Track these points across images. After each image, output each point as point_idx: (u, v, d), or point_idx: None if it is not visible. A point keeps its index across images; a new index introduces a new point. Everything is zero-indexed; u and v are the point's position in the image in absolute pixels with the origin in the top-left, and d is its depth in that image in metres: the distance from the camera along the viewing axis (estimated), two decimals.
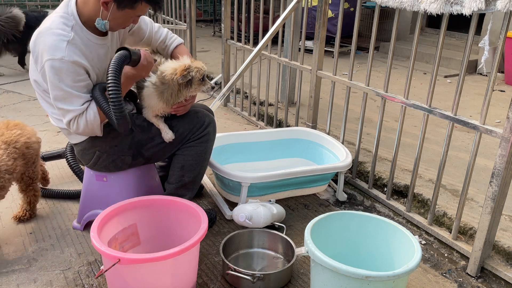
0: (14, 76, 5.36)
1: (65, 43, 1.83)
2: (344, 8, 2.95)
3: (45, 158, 2.91)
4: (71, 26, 1.89)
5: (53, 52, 1.82)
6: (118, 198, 2.08)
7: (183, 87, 2.06)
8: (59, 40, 1.83)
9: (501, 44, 1.93)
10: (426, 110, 2.32)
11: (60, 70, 1.83)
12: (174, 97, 2.08)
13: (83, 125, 1.93)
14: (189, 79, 2.05)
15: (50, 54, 1.82)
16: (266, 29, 3.46)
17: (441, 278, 2.13)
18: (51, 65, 1.82)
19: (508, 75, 5.31)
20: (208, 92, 2.18)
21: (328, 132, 3.11)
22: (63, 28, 1.87)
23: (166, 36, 2.35)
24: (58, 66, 1.82)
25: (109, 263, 1.64)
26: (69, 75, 1.85)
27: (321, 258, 1.65)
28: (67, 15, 1.90)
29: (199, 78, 2.09)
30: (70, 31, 1.87)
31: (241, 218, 2.24)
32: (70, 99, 1.88)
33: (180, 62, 2.08)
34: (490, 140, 3.41)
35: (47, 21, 1.90)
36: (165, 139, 2.15)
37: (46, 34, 1.85)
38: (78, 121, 1.92)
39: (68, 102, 1.88)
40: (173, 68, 2.04)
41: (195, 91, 2.13)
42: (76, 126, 1.93)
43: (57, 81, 1.84)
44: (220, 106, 4.38)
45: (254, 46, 3.83)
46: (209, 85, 2.15)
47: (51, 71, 1.83)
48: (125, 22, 1.97)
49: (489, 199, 2.01)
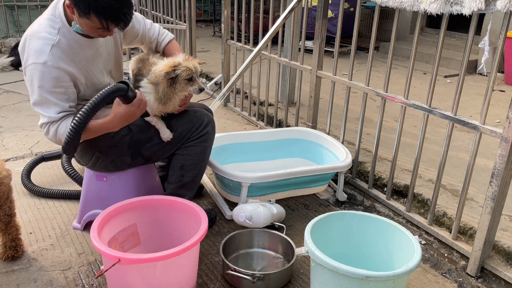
0: (14, 76, 5.36)
1: (49, 47, 1.84)
2: (344, 8, 2.95)
3: (45, 158, 2.91)
4: (58, 28, 1.89)
5: (37, 56, 1.83)
6: (118, 198, 2.08)
7: (169, 85, 2.04)
8: (44, 44, 1.84)
9: (501, 44, 1.92)
10: (426, 110, 2.32)
11: (42, 75, 1.84)
12: (166, 95, 2.07)
13: (52, 135, 1.93)
14: (173, 77, 2.02)
15: (34, 58, 1.84)
16: (266, 29, 3.46)
17: (441, 278, 2.13)
18: (33, 69, 1.84)
19: (508, 75, 5.31)
20: (196, 93, 2.10)
21: (328, 132, 3.11)
22: (49, 31, 1.87)
23: (158, 32, 2.34)
24: (40, 70, 1.83)
25: (109, 263, 1.64)
26: (50, 81, 1.85)
27: (321, 258, 1.65)
28: (54, 17, 1.91)
29: (184, 78, 2.03)
30: (56, 34, 1.88)
31: (241, 218, 2.24)
32: (47, 105, 1.89)
33: (173, 59, 2.07)
34: (490, 140, 3.41)
35: (34, 24, 1.92)
36: (163, 138, 2.14)
37: (33, 38, 1.87)
38: (49, 128, 1.93)
39: (45, 107, 1.89)
40: (163, 65, 2.04)
41: (182, 90, 2.07)
42: (46, 131, 1.95)
43: (36, 86, 1.85)
44: (220, 106, 4.38)
45: (254, 46, 3.83)
46: (196, 86, 2.08)
47: (33, 74, 1.84)
48: (91, 31, 1.87)
49: (489, 199, 2.01)
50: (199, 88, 2.09)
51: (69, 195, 2.64)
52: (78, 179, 2.67)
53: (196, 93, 2.10)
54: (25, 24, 7.15)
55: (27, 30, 1.92)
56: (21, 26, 7.14)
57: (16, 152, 3.29)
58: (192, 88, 2.08)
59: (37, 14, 6.99)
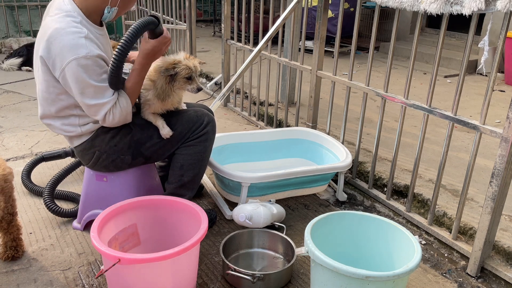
0: (14, 76, 5.36)
1: (83, 39, 1.84)
2: (344, 8, 2.95)
3: (45, 158, 2.91)
4: (79, 21, 1.90)
5: (75, 50, 1.82)
6: (118, 198, 2.08)
7: (167, 82, 2.06)
8: (77, 38, 1.83)
9: (501, 44, 1.92)
10: (426, 110, 2.32)
11: (87, 67, 1.84)
12: (164, 92, 2.08)
13: (119, 114, 1.97)
14: (172, 74, 2.04)
15: (73, 54, 1.82)
16: (266, 29, 3.46)
17: (441, 278, 2.13)
18: (77, 64, 1.83)
19: (508, 75, 5.31)
20: (194, 92, 2.13)
21: (328, 132, 3.11)
22: (74, 26, 1.87)
23: None
24: (85, 63, 1.83)
25: (109, 263, 1.64)
26: (95, 70, 1.87)
27: (321, 258, 1.65)
28: (70, 13, 1.90)
29: (183, 76, 2.06)
30: (82, 27, 1.88)
31: (241, 218, 2.24)
32: (102, 93, 1.91)
33: (174, 57, 2.08)
34: (490, 140, 3.41)
35: (52, 24, 1.86)
36: (162, 135, 2.14)
37: (61, 35, 1.83)
38: (113, 111, 1.96)
39: (100, 96, 1.91)
40: (163, 62, 2.06)
41: (180, 88, 2.11)
42: (112, 117, 1.97)
43: (87, 78, 1.86)
44: (220, 106, 4.38)
45: (254, 46, 3.83)
46: (194, 85, 2.11)
47: (78, 70, 1.83)
48: (131, 3, 2.04)
49: (489, 199, 2.01)
50: (197, 88, 2.12)
51: (69, 197, 2.64)
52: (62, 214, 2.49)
53: (194, 92, 2.13)
54: (25, 24, 7.15)
55: (45, 32, 1.85)
56: (21, 26, 7.14)
57: (16, 152, 3.29)
58: (190, 87, 2.11)
59: (37, 14, 7.02)
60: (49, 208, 2.41)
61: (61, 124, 2.06)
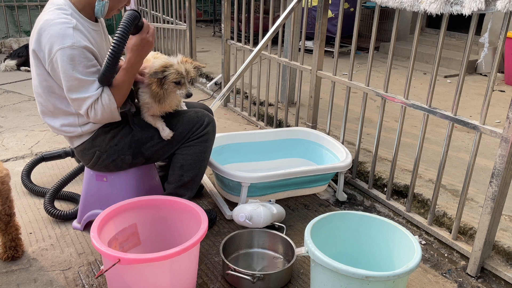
0: (14, 76, 5.36)
1: (71, 30, 1.84)
2: (344, 8, 2.95)
3: (45, 158, 2.91)
4: (69, 14, 1.90)
5: (62, 40, 1.81)
6: (118, 198, 2.08)
7: (158, 85, 2.04)
8: (65, 28, 1.83)
9: (501, 44, 1.93)
10: (426, 110, 2.32)
11: (73, 58, 1.83)
12: (158, 95, 2.07)
13: (101, 110, 1.93)
14: (160, 77, 2.02)
15: (59, 43, 1.81)
16: (266, 29, 3.46)
17: (441, 278, 2.14)
18: (62, 54, 1.82)
19: (508, 75, 5.31)
20: (182, 97, 2.09)
21: (328, 132, 3.11)
22: (64, 17, 1.87)
23: None
24: (70, 53, 1.82)
25: (109, 263, 1.64)
26: (81, 62, 1.85)
27: (321, 258, 1.65)
28: (61, 6, 1.91)
29: (172, 80, 2.03)
30: (71, 18, 1.88)
31: (241, 218, 2.24)
32: (85, 87, 1.89)
33: (169, 59, 2.07)
34: (490, 140, 3.41)
35: (43, 17, 1.89)
36: (163, 136, 2.14)
37: (49, 26, 1.83)
38: (95, 107, 1.92)
39: (83, 90, 1.89)
40: (159, 64, 2.04)
41: (171, 91, 2.08)
42: (94, 113, 1.93)
43: (71, 70, 1.84)
44: (220, 106, 4.38)
45: (254, 46, 3.83)
46: (183, 90, 2.06)
47: (63, 60, 1.82)
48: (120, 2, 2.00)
49: (489, 199, 2.01)
50: (186, 94, 2.07)
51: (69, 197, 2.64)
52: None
53: (182, 97, 2.10)
54: (25, 24, 7.15)
55: (36, 26, 1.88)
56: (21, 26, 7.15)
57: (16, 152, 3.30)
58: (180, 92, 2.07)
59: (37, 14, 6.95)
60: (49, 212, 2.43)
61: (61, 125, 2.06)
